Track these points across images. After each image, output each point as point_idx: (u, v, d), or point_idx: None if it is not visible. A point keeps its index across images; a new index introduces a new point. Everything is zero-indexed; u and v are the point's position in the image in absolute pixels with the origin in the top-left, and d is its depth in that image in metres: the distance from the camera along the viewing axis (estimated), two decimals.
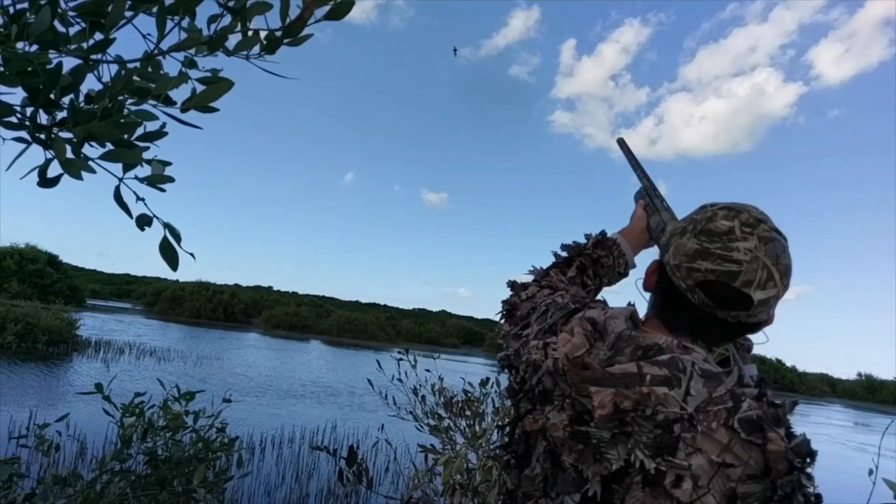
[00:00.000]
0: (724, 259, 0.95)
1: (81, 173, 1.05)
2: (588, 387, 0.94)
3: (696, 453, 0.85)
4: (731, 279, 0.95)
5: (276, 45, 1.16)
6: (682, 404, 0.88)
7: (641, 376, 0.91)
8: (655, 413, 0.88)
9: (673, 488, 0.85)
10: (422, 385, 4.48)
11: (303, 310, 73.37)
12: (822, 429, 30.96)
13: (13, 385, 14.53)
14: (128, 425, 3.11)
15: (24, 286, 42.00)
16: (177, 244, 1.20)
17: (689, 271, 0.98)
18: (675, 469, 0.85)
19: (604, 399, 0.92)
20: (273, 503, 7.98)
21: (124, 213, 1.16)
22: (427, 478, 3.47)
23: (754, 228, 0.96)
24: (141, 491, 2.95)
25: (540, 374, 1.03)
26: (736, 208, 1.00)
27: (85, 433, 8.28)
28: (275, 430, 12.23)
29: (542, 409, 1.03)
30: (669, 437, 0.87)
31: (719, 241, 0.96)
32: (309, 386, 22.11)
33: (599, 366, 0.95)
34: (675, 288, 1.01)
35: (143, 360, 23.00)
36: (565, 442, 0.97)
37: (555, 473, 1.00)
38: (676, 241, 1.03)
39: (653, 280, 1.10)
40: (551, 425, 0.99)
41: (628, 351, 0.95)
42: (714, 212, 1.01)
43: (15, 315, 22.14)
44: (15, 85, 0.97)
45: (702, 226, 1.00)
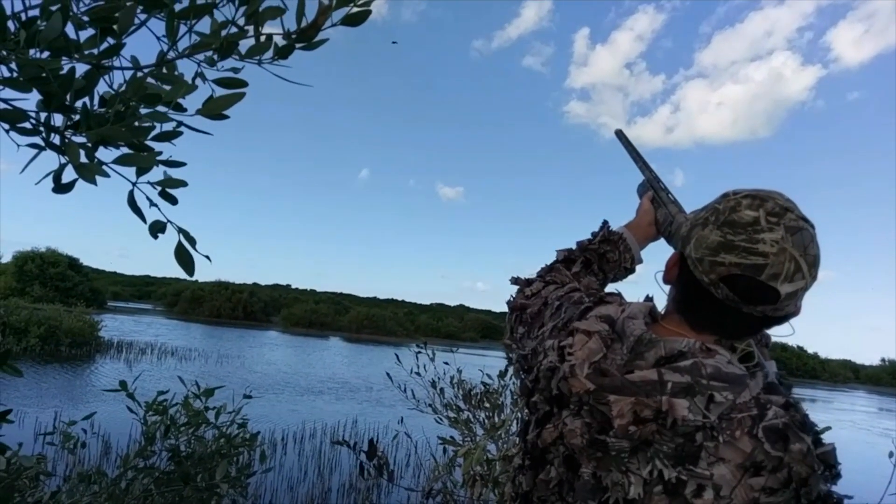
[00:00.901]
0: (749, 252, 0.90)
1: (95, 178, 1.06)
2: (607, 395, 0.91)
3: (719, 462, 0.83)
4: (757, 273, 0.90)
5: (290, 51, 1.16)
6: (705, 412, 0.85)
7: (662, 384, 0.88)
8: (676, 423, 0.86)
9: (694, 498, 0.83)
10: (440, 378, 4.50)
11: (321, 307, 73.70)
12: (845, 415, 30.67)
13: (38, 387, 14.75)
14: (151, 423, 3.16)
15: (46, 290, 42.58)
16: (192, 248, 1.21)
17: (713, 265, 0.93)
18: (696, 478, 0.84)
19: (623, 408, 0.89)
20: (296, 498, 8.05)
21: (138, 218, 1.18)
22: (447, 470, 3.49)
23: (780, 218, 0.91)
24: (165, 487, 3.00)
25: (557, 378, 1.00)
26: (760, 196, 0.94)
27: (109, 432, 8.40)
28: (296, 426, 12.32)
29: (560, 413, 1.01)
30: (691, 447, 0.85)
31: (744, 232, 0.91)
32: (329, 382, 22.25)
33: (618, 372, 0.92)
34: (698, 282, 0.96)
35: (164, 361, 23.25)
36: (584, 450, 0.95)
37: (571, 479, 0.98)
38: (698, 232, 0.97)
39: (673, 273, 1.05)
40: (569, 432, 0.97)
41: (649, 356, 0.92)
42: (737, 201, 0.95)
43: (38, 318, 22.45)
44: (28, 91, 0.99)
45: (725, 216, 0.94)
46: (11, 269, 45.14)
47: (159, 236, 1.21)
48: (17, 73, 0.96)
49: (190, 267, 1.20)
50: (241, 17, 1.13)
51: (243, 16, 1.13)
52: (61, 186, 1.09)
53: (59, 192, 1.09)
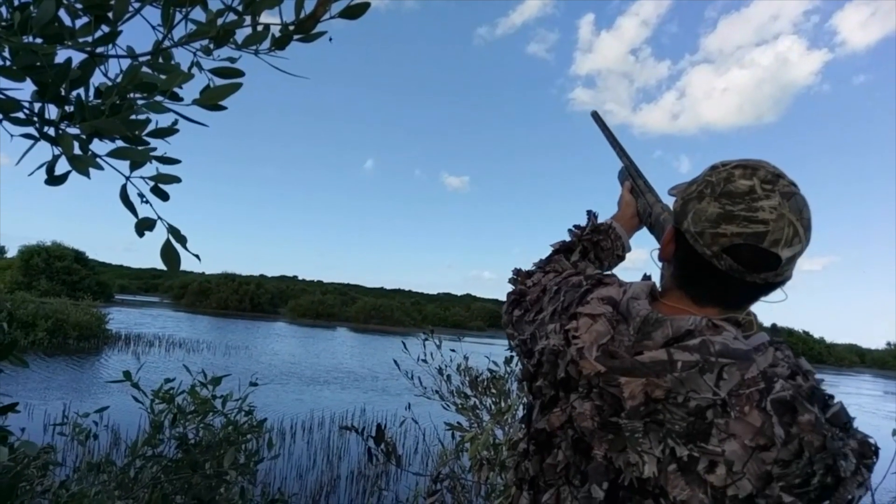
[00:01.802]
0: (749, 220, 0.91)
1: (89, 170, 1.05)
2: (617, 377, 0.92)
3: (730, 438, 0.83)
4: (759, 240, 0.91)
5: (287, 41, 1.15)
6: (715, 389, 0.85)
7: (672, 364, 0.88)
8: (687, 400, 0.86)
9: (706, 474, 0.83)
10: (447, 365, 4.50)
11: (328, 298, 73.84)
12: (851, 399, 30.60)
13: (46, 380, 14.85)
14: (158, 411, 3.17)
15: (53, 283, 42.68)
16: (182, 247, 1.19)
17: (714, 237, 0.93)
18: (708, 455, 0.84)
19: (634, 389, 0.90)
20: (305, 486, 8.10)
21: (130, 213, 1.16)
22: (455, 455, 3.50)
23: (774, 185, 0.93)
24: (173, 475, 3.02)
25: (564, 362, 1.00)
26: (751, 165, 0.96)
27: (119, 423, 8.45)
28: (304, 415, 12.39)
29: (567, 396, 1.00)
30: (702, 424, 0.85)
31: (742, 201, 0.92)
32: (337, 372, 22.33)
33: (627, 354, 0.93)
34: (698, 256, 0.96)
35: (172, 352, 23.35)
36: (595, 432, 0.94)
37: (578, 462, 0.98)
38: (695, 206, 0.97)
39: (670, 249, 1.04)
40: (578, 415, 0.96)
41: (656, 336, 0.92)
42: (730, 171, 0.96)
43: (45, 312, 22.57)
44: (21, 80, 0.98)
45: (721, 188, 0.95)
46: (17, 263, 45.25)
47: (146, 234, 1.19)
48: (10, 62, 0.96)
49: (175, 266, 1.18)
50: (238, 5, 1.12)
51: (240, 4, 1.12)
52: (54, 178, 1.09)
53: (52, 184, 1.08)
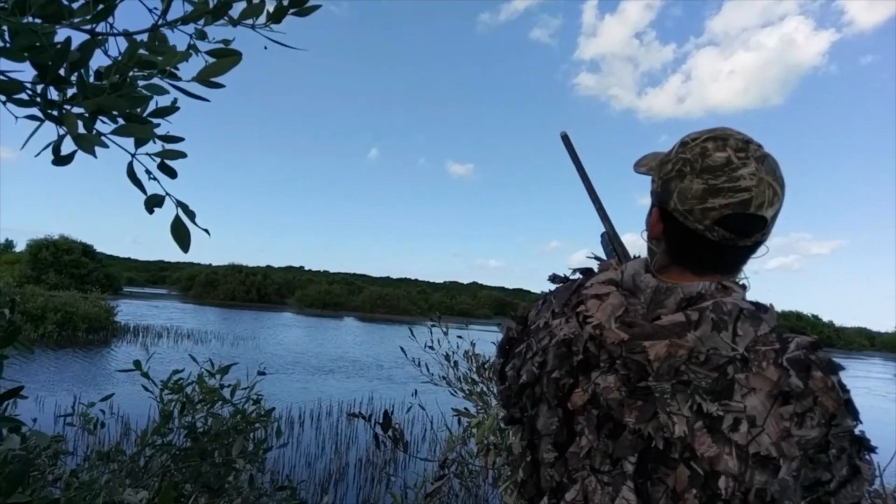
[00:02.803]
0: (734, 190, 0.95)
1: (94, 149, 1.05)
2: (641, 342, 0.95)
3: (751, 393, 0.88)
4: (746, 207, 0.95)
5: (282, 14, 1.15)
6: (733, 345, 0.90)
7: (689, 323, 0.93)
8: (709, 358, 0.90)
9: (731, 432, 0.87)
10: (454, 352, 4.50)
11: (335, 288, 74.04)
12: (861, 382, 30.57)
13: (56, 372, 14.96)
14: (167, 401, 3.19)
15: (62, 277, 42.89)
16: (191, 222, 1.19)
17: (704, 212, 0.97)
18: (732, 413, 0.88)
19: (659, 351, 0.93)
20: (314, 473, 8.15)
21: (138, 189, 1.16)
22: (462, 440, 3.51)
23: (747, 151, 0.97)
24: (182, 463, 3.04)
25: (581, 344, 1.03)
26: (720, 136, 0.99)
27: (128, 414, 8.52)
28: (313, 404, 12.45)
29: (588, 376, 1.02)
30: (724, 380, 0.89)
31: (723, 173, 0.96)
32: (344, 361, 22.41)
33: (645, 320, 0.97)
34: (690, 231, 1.00)
35: (181, 343, 23.47)
36: (623, 402, 0.96)
37: (604, 445, 0.99)
38: (678, 185, 1.00)
39: (658, 229, 1.07)
40: (604, 389, 0.98)
41: (668, 303, 0.98)
42: (702, 146, 0.99)
43: (54, 304, 22.70)
44: (22, 60, 0.98)
45: (700, 164, 0.98)
46: (26, 257, 45.49)
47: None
48: (10, 44, 0.96)
49: (186, 243, 1.18)
50: None
51: None
52: (61, 158, 1.09)
53: (58, 164, 1.09)
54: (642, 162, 1.14)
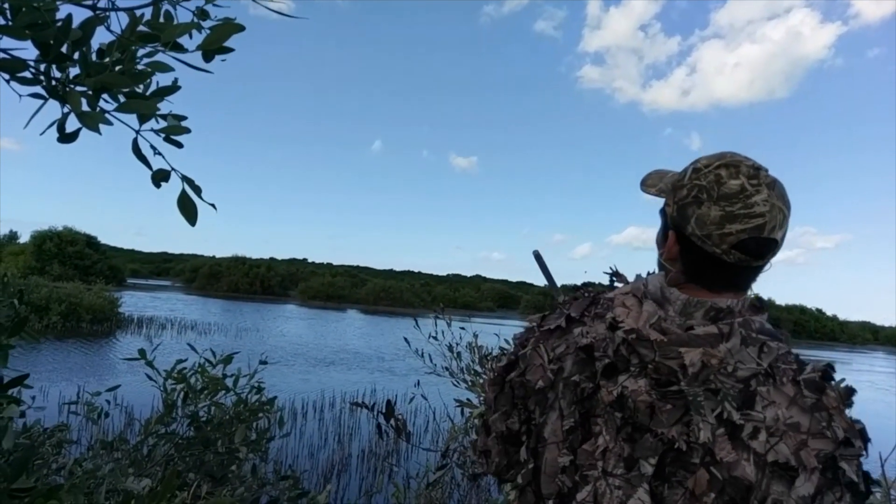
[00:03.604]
0: (749, 217, 1.01)
1: (99, 126, 1.05)
2: (676, 349, 1.00)
3: (771, 405, 0.95)
4: (760, 231, 1.01)
5: None
6: (758, 361, 0.97)
7: (722, 335, 0.99)
8: (736, 370, 0.97)
9: (750, 440, 0.93)
10: (457, 343, 4.50)
11: (338, 280, 74.18)
12: (864, 376, 30.57)
13: (60, 362, 15.02)
14: (171, 390, 3.19)
15: (66, 268, 43.01)
16: (197, 196, 1.20)
17: (722, 237, 1.02)
18: (752, 421, 0.94)
19: (693, 358, 0.98)
20: (317, 464, 8.18)
21: (144, 165, 1.16)
22: (464, 431, 3.51)
23: (758, 178, 1.03)
24: (185, 452, 3.04)
25: (611, 347, 1.07)
26: (731, 163, 1.05)
27: (132, 404, 8.55)
28: (315, 396, 12.49)
29: (613, 380, 1.06)
30: (748, 392, 0.96)
31: (738, 201, 1.01)
32: (347, 353, 22.47)
33: (679, 329, 1.03)
34: (707, 254, 1.05)
35: (184, 335, 23.55)
36: (653, 404, 1.01)
37: (620, 448, 1.03)
38: (695, 211, 1.05)
39: (675, 251, 1.12)
40: (633, 392, 1.02)
41: (699, 315, 1.04)
42: (716, 174, 1.04)
43: (58, 295, 22.78)
44: (24, 38, 0.97)
45: (717, 192, 1.03)
46: (30, 248, 45.63)
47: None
48: (11, 21, 0.95)
49: (193, 216, 1.19)
50: None
51: None
52: (66, 136, 1.08)
53: (64, 142, 1.08)
54: (649, 182, 1.19)
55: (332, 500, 6.93)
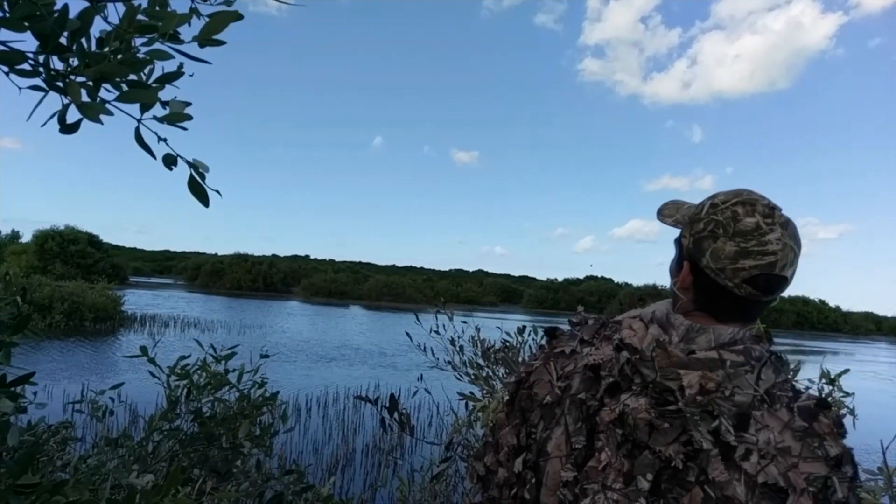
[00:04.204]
0: (762, 254, 1.06)
1: (100, 116, 1.05)
2: (676, 370, 1.06)
3: (764, 429, 0.99)
4: (772, 269, 1.06)
5: None
6: (755, 387, 1.03)
7: (722, 361, 1.05)
8: (733, 394, 1.02)
9: (742, 461, 0.97)
10: (459, 336, 4.51)
11: (340, 276, 74.33)
12: (867, 366, 30.59)
13: (64, 361, 15.06)
14: (174, 386, 3.19)
15: (68, 267, 43.09)
16: (201, 181, 1.21)
17: (735, 271, 1.07)
18: (745, 443, 0.98)
19: (692, 380, 1.04)
20: (321, 459, 8.21)
21: (147, 154, 1.17)
22: (468, 424, 3.51)
23: (773, 217, 1.08)
24: (190, 448, 3.04)
25: (616, 367, 1.13)
26: (748, 201, 1.10)
27: (136, 402, 8.58)
28: (319, 391, 12.53)
29: (616, 398, 1.11)
30: (743, 415, 1.01)
31: (753, 238, 1.07)
32: (350, 349, 22.50)
33: (682, 353, 1.08)
34: (719, 286, 1.10)
35: (187, 332, 23.60)
36: (651, 422, 1.05)
37: (620, 464, 1.07)
38: (710, 245, 1.10)
39: (689, 281, 1.16)
40: (633, 409, 1.07)
41: (700, 341, 1.09)
42: (733, 210, 1.10)
43: (61, 294, 22.82)
44: (22, 30, 0.97)
45: (732, 228, 1.09)
46: (32, 247, 45.72)
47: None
48: (9, 13, 0.94)
49: (205, 198, 1.21)
50: None
51: None
52: (67, 127, 1.08)
53: (65, 132, 1.08)
54: (666, 212, 1.25)
55: (337, 495, 6.95)
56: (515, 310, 74.68)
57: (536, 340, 4.28)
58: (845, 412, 2.98)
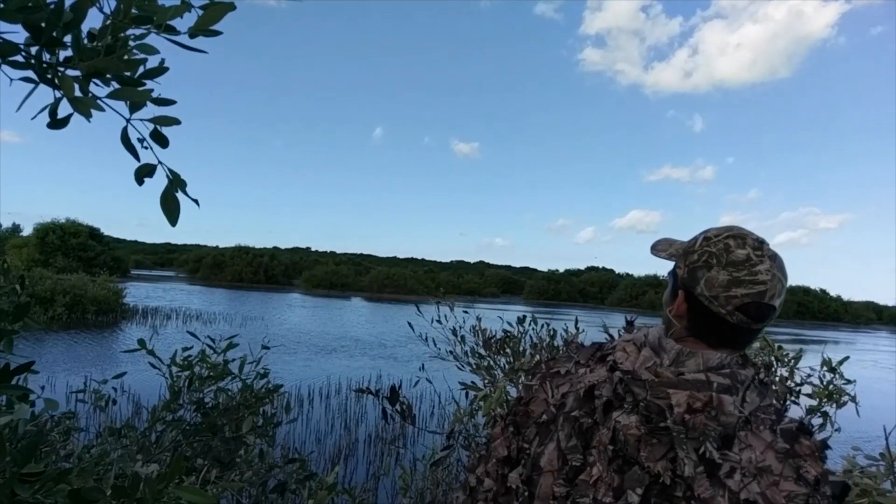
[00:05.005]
0: (753, 283, 1.12)
1: (91, 111, 1.04)
2: (665, 390, 1.12)
3: (747, 448, 1.05)
4: (762, 297, 1.12)
5: None
6: (740, 409, 1.08)
7: (709, 383, 1.11)
8: (719, 414, 1.07)
9: (726, 478, 1.02)
10: (461, 326, 4.52)
11: (342, 268, 74.33)
12: (868, 355, 30.61)
13: (66, 353, 15.09)
14: (176, 377, 3.20)
15: (69, 260, 43.10)
16: (182, 192, 1.18)
17: (728, 299, 1.13)
18: (729, 462, 1.04)
19: (680, 399, 1.10)
20: (324, 449, 8.24)
21: (132, 156, 1.15)
22: (469, 413, 3.52)
23: (762, 250, 1.15)
24: (193, 438, 3.06)
25: (610, 386, 1.19)
26: (739, 235, 1.17)
27: (139, 393, 8.61)
28: (321, 383, 12.56)
29: (608, 416, 1.18)
30: (728, 435, 1.06)
31: (744, 268, 1.13)
32: (352, 340, 22.53)
33: (671, 374, 1.14)
34: (713, 313, 1.15)
35: (189, 325, 23.61)
36: (641, 439, 1.11)
37: (611, 479, 1.12)
38: (705, 274, 1.16)
39: (683, 308, 1.22)
40: (624, 426, 1.14)
41: (690, 364, 1.15)
42: (725, 243, 1.16)
43: (63, 287, 22.85)
44: (16, 21, 0.96)
45: (725, 258, 1.15)
46: (33, 241, 45.74)
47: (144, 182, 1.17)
48: (3, 5, 0.94)
49: (174, 215, 1.17)
50: None
51: None
52: (57, 121, 1.08)
53: (54, 128, 1.08)
54: (659, 247, 1.30)
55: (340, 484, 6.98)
56: (517, 301, 74.68)
57: (537, 331, 4.30)
58: (847, 400, 3.00)
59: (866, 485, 2.25)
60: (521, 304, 65.23)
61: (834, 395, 3.02)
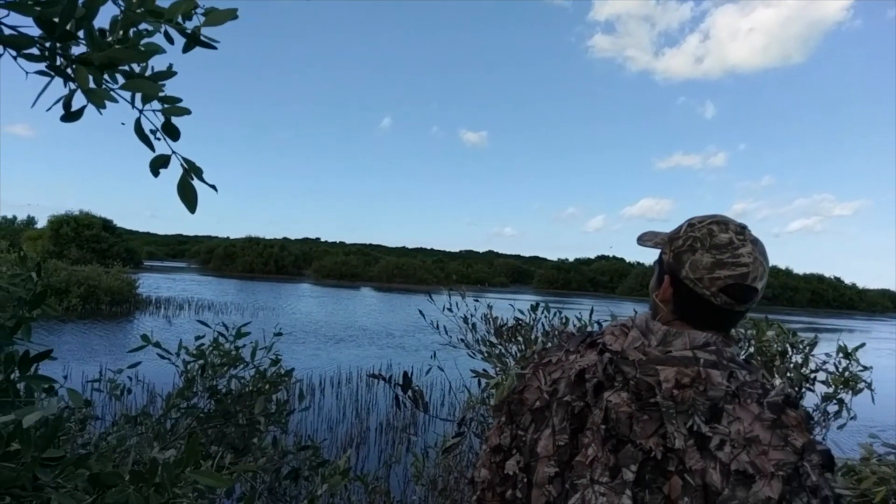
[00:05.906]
0: (736, 265, 1.17)
1: (105, 102, 1.06)
2: (654, 367, 1.16)
3: (735, 421, 1.07)
4: (744, 279, 1.17)
5: None
6: (727, 384, 1.11)
7: (696, 359, 1.15)
8: (706, 389, 1.10)
9: (717, 451, 1.05)
10: (472, 314, 4.53)
11: (351, 258, 74.52)
12: (884, 343, 30.38)
13: (81, 344, 15.25)
14: (189, 366, 3.24)
15: (83, 251, 43.46)
16: (198, 179, 1.19)
17: (712, 280, 1.18)
18: (718, 434, 1.07)
19: (668, 374, 1.14)
20: (336, 437, 8.30)
21: (146, 146, 1.16)
22: (481, 401, 3.54)
23: (744, 235, 1.20)
24: (207, 425, 3.10)
25: (600, 367, 1.23)
26: (721, 221, 1.23)
27: (154, 383, 8.67)
28: (333, 371, 12.62)
29: (600, 397, 1.21)
30: (716, 408, 1.09)
31: (727, 251, 1.18)
32: (362, 329, 22.62)
33: (659, 353, 1.18)
34: (698, 296, 1.20)
35: (202, 314, 23.79)
36: (632, 415, 1.15)
37: (606, 458, 1.16)
38: (689, 257, 1.21)
39: (669, 292, 1.26)
40: (615, 405, 1.17)
41: (677, 343, 1.19)
42: (709, 228, 1.22)
43: (77, 278, 23.06)
44: (31, 14, 0.98)
45: (709, 242, 1.20)
46: (48, 233, 46.14)
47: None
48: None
49: (193, 203, 1.19)
50: None
51: None
52: (71, 114, 1.09)
53: (68, 120, 1.10)
54: (645, 237, 1.36)
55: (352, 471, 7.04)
56: (526, 290, 74.54)
57: (549, 319, 4.31)
58: (863, 387, 3.00)
59: (884, 473, 2.25)
60: (530, 293, 65.18)
61: (850, 382, 3.01)
